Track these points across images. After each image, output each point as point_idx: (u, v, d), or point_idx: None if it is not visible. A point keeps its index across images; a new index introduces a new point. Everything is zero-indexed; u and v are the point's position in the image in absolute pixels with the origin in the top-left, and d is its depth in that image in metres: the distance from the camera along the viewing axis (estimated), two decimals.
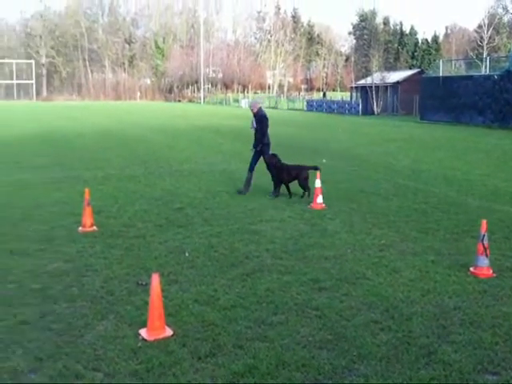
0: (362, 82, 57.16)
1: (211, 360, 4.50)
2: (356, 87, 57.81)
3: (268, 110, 61.53)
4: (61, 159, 17.05)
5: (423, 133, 29.96)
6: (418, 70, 61.96)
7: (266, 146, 11.44)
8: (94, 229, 8.51)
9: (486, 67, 39.91)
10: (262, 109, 11.52)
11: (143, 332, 4.93)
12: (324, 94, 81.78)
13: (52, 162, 16.31)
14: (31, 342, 4.81)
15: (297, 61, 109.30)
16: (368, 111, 50.68)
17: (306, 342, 4.83)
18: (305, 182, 11.15)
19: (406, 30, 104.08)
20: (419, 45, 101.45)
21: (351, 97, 59.05)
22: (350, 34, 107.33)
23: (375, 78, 52.62)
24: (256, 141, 11.48)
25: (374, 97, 51.24)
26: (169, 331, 4.95)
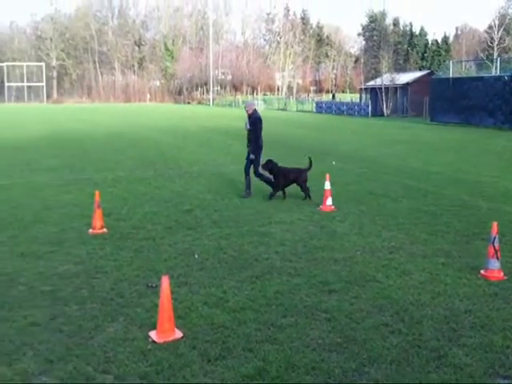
0: (372, 84, 57.02)
1: (221, 362, 4.50)
2: (365, 89, 57.65)
3: (277, 111, 61.36)
4: (71, 161, 17.14)
5: (433, 134, 29.84)
6: (428, 71, 61.76)
7: (259, 148, 11.42)
8: (104, 231, 8.55)
9: (496, 68, 39.65)
10: (256, 111, 11.54)
11: (153, 334, 4.95)
12: (333, 96, 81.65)
13: (62, 164, 16.41)
14: (42, 344, 4.84)
15: (306, 62, 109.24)
16: (377, 113, 50.53)
17: (315, 344, 4.82)
18: (304, 185, 11.14)
19: (416, 30, 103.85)
20: (429, 46, 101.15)
21: (360, 98, 58.89)
22: (359, 35, 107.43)
23: (385, 79, 52.45)
24: (249, 142, 11.50)
25: (384, 98, 51.08)
26: (178, 333, 4.96)
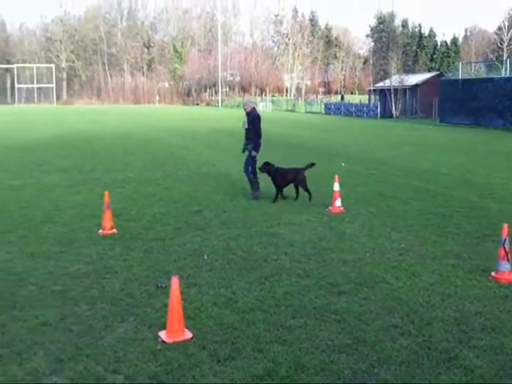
0: (381, 85, 56.88)
1: (230, 363, 4.51)
2: (374, 90, 57.53)
3: (285, 113, 61.27)
4: (81, 162, 17.22)
5: (442, 136, 29.73)
6: (437, 72, 61.64)
7: (259, 146, 11.40)
8: (114, 231, 8.58)
9: (506, 69, 39.47)
10: (255, 109, 11.55)
11: (163, 334, 4.96)
12: (342, 97, 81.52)
13: (72, 165, 16.48)
14: (52, 344, 4.86)
15: (314, 64, 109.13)
16: (386, 114, 50.41)
17: (325, 345, 4.81)
18: (303, 185, 11.13)
19: (425, 32, 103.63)
20: (438, 47, 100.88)
21: (369, 99, 58.76)
22: (368, 36, 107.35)
23: (394, 80, 52.34)
24: (247, 140, 11.49)
25: (393, 99, 50.95)
26: (188, 334, 4.97)
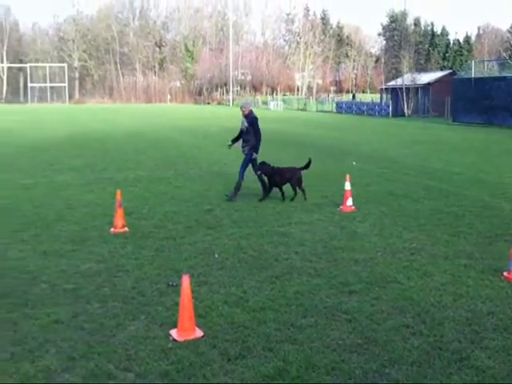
0: (393, 84, 56.62)
1: (241, 362, 4.51)
2: (386, 89, 57.27)
3: (297, 112, 61.15)
4: (93, 161, 17.31)
5: (455, 135, 29.54)
6: (450, 71, 61.19)
7: (254, 148, 11.31)
8: (126, 230, 8.63)
9: None
10: (252, 111, 11.42)
11: (174, 333, 4.98)
12: (353, 96, 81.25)
13: (84, 164, 16.58)
14: (64, 341, 4.89)
15: (326, 62, 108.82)
16: (398, 113, 50.15)
17: (335, 345, 4.80)
18: (299, 184, 11.14)
19: (438, 30, 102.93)
20: (451, 46, 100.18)
21: (381, 98, 58.50)
22: (379, 35, 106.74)
23: (406, 79, 52.06)
24: (244, 142, 11.40)
25: (405, 98, 50.69)
26: (199, 332, 4.98)
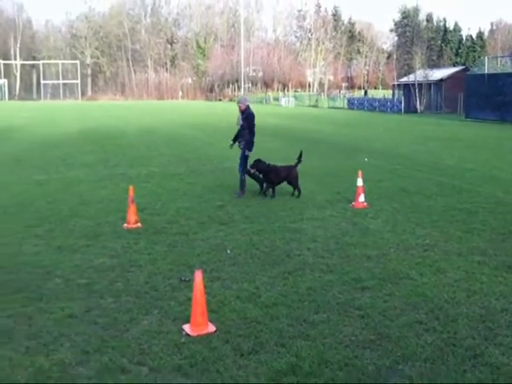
0: (405, 80, 56.28)
1: (254, 357, 4.52)
2: (398, 85, 56.93)
3: (308, 108, 60.97)
4: (105, 157, 17.40)
5: (468, 131, 29.32)
6: (463, 67, 60.69)
7: (251, 145, 11.31)
8: (139, 225, 8.67)
9: None
10: (249, 107, 11.42)
11: (187, 327, 5.00)
12: (365, 92, 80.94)
13: (97, 160, 16.67)
14: (78, 335, 4.93)
15: (337, 59, 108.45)
16: (411, 109, 49.85)
17: (348, 341, 4.80)
18: (295, 182, 11.10)
19: (450, 26, 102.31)
20: (463, 42, 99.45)
21: (393, 94, 58.15)
22: (391, 31, 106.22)
23: (418, 75, 51.68)
24: (239, 138, 11.49)
25: (417, 94, 50.35)
26: (212, 327, 5.00)
